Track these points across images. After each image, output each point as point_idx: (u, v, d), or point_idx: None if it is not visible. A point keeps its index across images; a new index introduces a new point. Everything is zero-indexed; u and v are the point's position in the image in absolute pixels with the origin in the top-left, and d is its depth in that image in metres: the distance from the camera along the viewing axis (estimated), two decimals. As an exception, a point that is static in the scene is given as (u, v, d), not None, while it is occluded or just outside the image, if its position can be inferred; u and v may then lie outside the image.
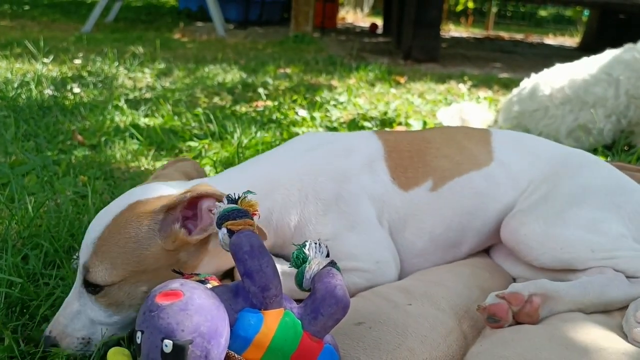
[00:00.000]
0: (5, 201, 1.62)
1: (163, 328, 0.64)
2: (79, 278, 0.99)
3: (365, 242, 1.15)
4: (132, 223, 0.97)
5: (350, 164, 1.22)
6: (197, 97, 3.27)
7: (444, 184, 1.25)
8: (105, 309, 0.98)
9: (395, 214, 1.21)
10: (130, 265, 0.96)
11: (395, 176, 1.23)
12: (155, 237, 0.97)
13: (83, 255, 0.98)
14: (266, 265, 0.75)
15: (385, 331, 0.90)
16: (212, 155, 2.11)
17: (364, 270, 1.13)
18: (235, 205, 0.82)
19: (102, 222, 0.99)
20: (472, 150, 1.30)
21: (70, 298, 1.00)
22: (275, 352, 0.73)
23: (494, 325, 0.97)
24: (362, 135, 1.33)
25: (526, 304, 0.99)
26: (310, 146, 1.25)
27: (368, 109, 3.12)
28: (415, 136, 1.33)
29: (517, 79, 4.44)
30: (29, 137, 2.34)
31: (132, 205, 1.00)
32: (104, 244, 0.96)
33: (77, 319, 0.98)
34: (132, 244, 0.96)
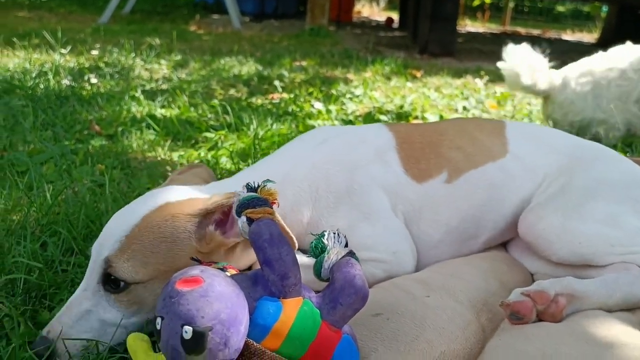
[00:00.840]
0: (24, 189, 1.63)
1: (183, 314, 0.64)
2: (94, 276, 0.96)
3: (381, 232, 1.15)
4: (166, 223, 0.97)
5: (360, 155, 1.22)
6: (213, 88, 3.27)
7: (459, 176, 1.24)
8: (125, 309, 0.95)
9: (409, 205, 1.20)
10: (163, 265, 0.95)
11: (407, 168, 1.22)
12: (190, 238, 0.97)
13: (104, 251, 0.95)
14: (286, 253, 0.75)
15: (403, 323, 0.89)
16: (229, 146, 2.11)
17: (380, 260, 1.12)
18: (255, 193, 0.81)
19: (129, 220, 0.98)
20: (486, 143, 1.29)
21: (77, 297, 0.97)
22: (293, 341, 0.73)
23: (516, 323, 0.95)
24: (372, 127, 1.33)
25: (552, 303, 0.96)
26: (320, 140, 1.25)
27: (384, 103, 3.11)
28: (427, 128, 1.33)
29: (534, 74, 4.41)
30: (47, 126, 2.35)
31: (163, 206, 1.00)
32: (135, 242, 0.94)
33: (85, 320, 0.95)
34: (167, 244, 0.95)
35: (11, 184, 1.67)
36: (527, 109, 3.20)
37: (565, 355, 0.83)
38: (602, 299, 1.00)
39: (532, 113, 3.08)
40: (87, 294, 0.96)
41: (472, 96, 3.47)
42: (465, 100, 3.36)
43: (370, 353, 0.83)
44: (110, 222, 1.01)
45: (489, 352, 0.89)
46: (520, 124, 1.41)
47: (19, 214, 1.49)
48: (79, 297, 0.96)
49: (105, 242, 0.97)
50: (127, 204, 1.06)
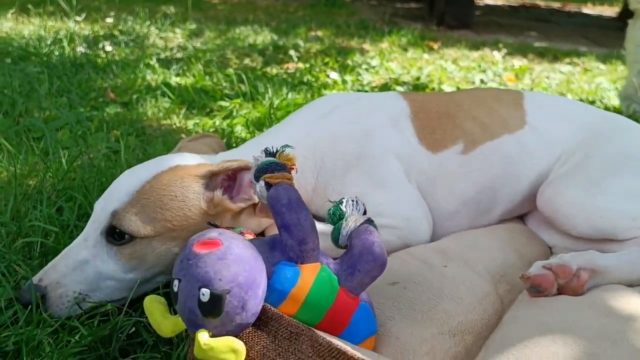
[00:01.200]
0: (40, 154, 1.63)
1: (201, 277, 0.63)
2: (97, 227, 0.96)
3: (393, 199, 1.13)
4: (176, 182, 0.98)
5: (372, 122, 1.20)
6: (228, 58, 3.24)
7: (475, 147, 1.21)
8: (125, 263, 0.95)
9: (423, 175, 1.18)
10: (170, 222, 0.95)
11: (422, 137, 1.20)
12: (198, 199, 0.98)
13: (112, 204, 0.96)
14: (304, 218, 0.74)
15: (421, 292, 0.88)
16: (244, 115, 2.09)
17: (394, 227, 1.11)
18: (273, 158, 0.80)
19: (140, 177, 0.99)
20: (504, 114, 1.26)
21: (74, 247, 0.96)
22: (311, 307, 0.72)
23: (536, 295, 0.94)
24: (386, 95, 1.30)
25: (573, 277, 0.94)
26: (330, 107, 1.23)
27: (400, 74, 3.07)
28: (443, 98, 1.30)
29: (553, 48, 4.33)
30: (62, 93, 2.35)
31: (174, 167, 1.01)
32: (144, 197, 0.95)
33: (81, 270, 0.94)
34: (177, 202, 0.96)
35: (27, 149, 1.67)
36: (546, 82, 3.15)
37: (585, 327, 0.82)
38: (625, 274, 0.98)
39: (551, 87, 3.03)
40: (87, 244, 0.96)
41: (489, 69, 3.42)
42: (483, 73, 3.31)
43: (387, 321, 0.83)
44: (119, 178, 1.02)
45: (507, 323, 0.88)
46: (539, 95, 1.38)
47: (35, 179, 1.49)
48: (78, 247, 0.96)
49: (113, 194, 0.97)
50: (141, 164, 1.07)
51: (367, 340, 0.77)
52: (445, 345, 0.81)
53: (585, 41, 4.97)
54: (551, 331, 0.82)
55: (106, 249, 0.96)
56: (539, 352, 0.77)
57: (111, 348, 0.86)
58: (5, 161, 1.58)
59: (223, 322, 0.64)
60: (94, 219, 0.98)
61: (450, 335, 0.82)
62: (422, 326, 0.82)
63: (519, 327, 0.84)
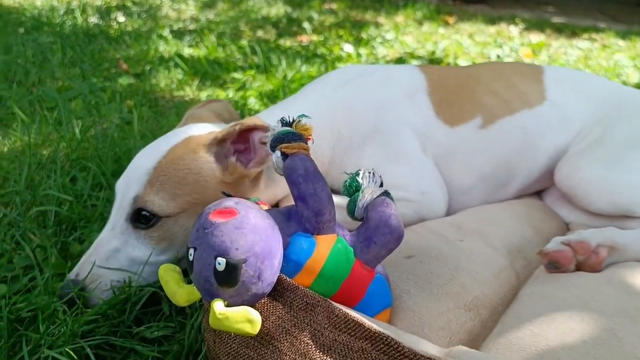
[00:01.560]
0: (53, 124, 1.63)
1: (217, 246, 0.63)
2: (122, 214, 0.95)
3: (409, 172, 1.12)
4: (189, 155, 0.96)
5: (388, 94, 1.18)
6: (241, 30, 3.21)
7: (494, 122, 1.20)
8: (155, 245, 0.94)
9: (440, 149, 1.17)
10: (191, 196, 0.94)
11: (439, 111, 1.18)
12: (213, 169, 0.96)
13: (132, 187, 0.94)
14: (320, 189, 0.72)
15: (437, 265, 0.87)
16: (257, 87, 2.08)
17: (409, 200, 1.10)
18: (290, 128, 0.79)
19: (155, 154, 0.97)
20: (523, 88, 1.24)
21: (104, 237, 0.95)
22: (326, 278, 0.72)
23: (553, 271, 0.92)
24: (403, 68, 1.28)
25: (592, 254, 0.92)
26: (347, 79, 1.21)
27: (415, 48, 3.03)
28: (462, 72, 1.28)
29: (571, 24, 4.26)
30: (75, 63, 2.34)
31: (186, 139, 1.00)
32: (162, 174, 0.94)
33: (114, 259, 0.94)
34: (193, 175, 0.95)
35: (41, 119, 1.67)
36: (563, 58, 3.10)
37: (602, 304, 0.81)
38: None
39: (569, 63, 2.98)
40: (115, 232, 0.95)
41: (505, 44, 3.37)
42: (499, 48, 3.26)
43: (402, 294, 0.82)
44: (135, 159, 1.00)
45: (523, 298, 0.87)
46: (559, 70, 1.35)
47: (48, 148, 1.49)
48: (107, 236, 0.95)
49: (132, 178, 0.96)
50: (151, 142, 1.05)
51: (383, 312, 0.76)
52: (461, 320, 0.80)
53: (603, 17, 4.87)
54: (568, 307, 0.81)
55: (134, 235, 0.95)
56: (555, 327, 0.76)
57: (125, 317, 0.86)
58: (19, 130, 1.58)
59: (239, 291, 0.63)
60: (117, 204, 0.97)
61: (466, 310, 0.82)
62: (438, 300, 0.81)
63: (535, 303, 0.84)
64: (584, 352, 0.71)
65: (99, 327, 0.84)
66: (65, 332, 0.79)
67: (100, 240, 0.95)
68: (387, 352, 0.62)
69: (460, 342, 0.78)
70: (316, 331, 0.65)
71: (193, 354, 0.80)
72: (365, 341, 0.63)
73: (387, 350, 0.62)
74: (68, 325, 0.79)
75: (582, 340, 0.74)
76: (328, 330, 0.65)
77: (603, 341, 0.73)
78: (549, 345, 0.73)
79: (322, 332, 0.65)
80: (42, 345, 0.77)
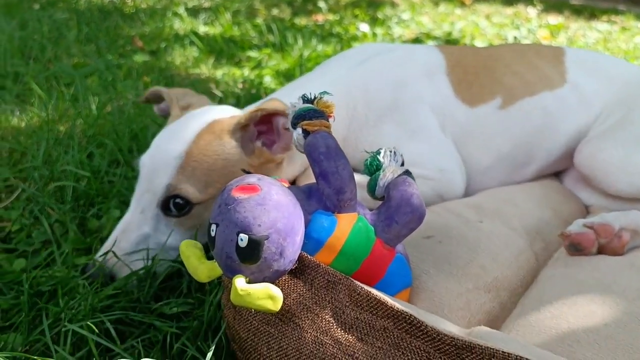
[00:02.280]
0: (70, 100, 1.63)
1: (239, 222, 0.62)
2: (153, 199, 0.93)
3: (427, 150, 1.11)
4: (216, 141, 0.95)
5: (406, 72, 1.16)
6: (256, 8, 3.19)
7: (514, 103, 1.18)
8: (185, 232, 0.94)
9: (458, 127, 1.16)
10: (221, 182, 0.94)
11: (458, 91, 1.17)
12: (239, 154, 0.96)
13: (162, 174, 0.93)
14: (342, 167, 0.72)
15: (456, 246, 0.87)
16: (273, 66, 2.06)
17: (427, 177, 1.09)
18: (311, 105, 0.78)
19: (183, 139, 0.95)
20: (544, 70, 1.23)
21: (134, 221, 0.93)
22: (347, 256, 0.71)
23: (574, 254, 0.91)
24: (422, 47, 1.27)
25: (614, 237, 0.91)
26: (364, 57, 1.20)
27: (432, 29, 3.00)
28: (482, 52, 1.26)
29: (590, 5, 4.19)
30: (91, 40, 2.33)
31: (210, 124, 0.97)
32: (193, 161, 0.93)
33: (145, 244, 0.93)
34: (221, 162, 0.94)
35: (58, 95, 1.67)
36: (582, 40, 3.06)
37: (624, 287, 0.80)
38: None
39: (588, 45, 2.94)
40: (146, 217, 0.94)
41: (523, 26, 3.32)
42: (516, 29, 3.22)
43: (422, 274, 0.81)
44: (159, 141, 0.97)
45: (544, 280, 0.86)
46: (580, 52, 1.33)
47: (65, 124, 1.49)
48: (138, 220, 0.93)
49: (160, 163, 0.94)
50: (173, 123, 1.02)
51: (402, 292, 0.76)
52: (480, 301, 0.80)
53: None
54: (589, 290, 0.80)
55: (165, 222, 0.94)
56: (576, 310, 0.75)
57: (144, 292, 0.87)
58: (36, 106, 1.58)
59: (260, 268, 0.63)
60: (144, 188, 0.94)
61: (486, 291, 0.81)
62: (457, 281, 0.81)
63: (555, 285, 0.83)
64: (605, 335, 0.71)
65: (117, 302, 0.84)
66: (85, 306, 0.79)
67: (128, 223, 0.93)
68: (409, 331, 0.61)
69: (480, 323, 0.78)
70: (337, 309, 0.65)
71: (212, 330, 0.80)
72: (388, 320, 0.63)
73: (409, 329, 0.61)
74: (88, 299, 0.80)
75: (604, 323, 0.73)
76: (349, 308, 0.65)
77: (625, 324, 0.72)
78: (570, 328, 0.72)
79: (344, 310, 0.65)
80: (63, 319, 0.77)
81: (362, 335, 0.64)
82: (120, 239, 0.92)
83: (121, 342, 0.78)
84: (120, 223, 0.94)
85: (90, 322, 0.75)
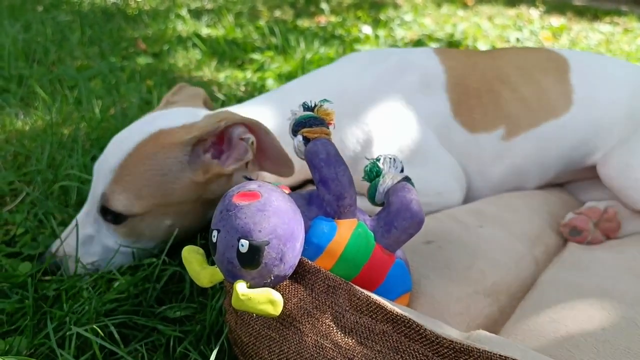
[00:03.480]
0: (74, 103, 1.64)
1: (240, 228, 0.63)
2: (94, 204, 0.95)
3: (422, 175, 1.05)
4: (158, 154, 0.91)
5: (403, 85, 1.10)
6: (259, 10, 3.20)
7: (518, 134, 1.13)
8: (124, 238, 0.95)
9: (455, 149, 1.11)
10: (157, 198, 0.92)
11: (458, 113, 1.11)
12: (184, 170, 0.92)
13: (100, 183, 0.93)
14: (342, 174, 0.73)
15: (456, 251, 0.88)
16: (275, 68, 2.07)
17: (425, 204, 1.04)
18: (312, 112, 0.79)
19: (122, 150, 0.93)
20: (551, 93, 1.15)
21: (81, 220, 0.95)
22: (347, 262, 0.72)
23: (577, 239, 1.02)
24: (420, 53, 1.18)
25: (603, 214, 1.03)
26: (358, 67, 1.14)
27: (434, 30, 3.00)
28: (487, 70, 1.16)
29: (592, 7, 4.19)
30: (94, 42, 2.34)
31: (155, 134, 0.93)
32: (128, 174, 0.91)
33: (90, 243, 0.95)
34: (159, 177, 0.91)
35: (62, 98, 1.68)
36: (585, 42, 3.06)
37: (623, 292, 0.81)
38: None
39: (590, 47, 2.94)
40: (89, 220, 0.96)
41: (525, 27, 3.33)
42: (519, 31, 3.23)
43: (422, 279, 0.82)
44: (108, 146, 0.97)
45: (543, 285, 0.87)
46: (585, 61, 1.23)
47: (69, 127, 1.50)
48: (83, 221, 0.96)
49: (101, 170, 0.94)
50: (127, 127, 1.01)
51: (402, 297, 0.77)
52: (480, 305, 0.80)
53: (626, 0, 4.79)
54: (588, 295, 0.81)
55: (105, 226, 0.95)
56: (575, 315, 0.76)
57: (148, 296, 0.87)
58: (40, 109, 1.59)
59: (261, 273, 0.64)
60: (92, 190, 0.96)
61: (485, 295, 0.82)
62: (457, 285, 0.81)
63: (554, 290, 0.84)
64: (603, 340, 0.72)
65: (121, 306, 0.85)
66: (89, 310, 0.80)
67: (78, 221, 0.95)
68: (408, 335, 0.62)
69: (479, 327, 0.79)
70: (337, 313, 0.66)
71: (214, 334, 0.81)
72: (387, 324, 0.64)
73: (408, 332, 0.62)
74: (92, 303, 0.81)
75: (602, 327, 0.74)
76: (349, 313, 0.66)
77: (623, 329, 0.73)
78: (569, 332, 0.73)
79: (344, 315, 0.66)
80: (68, 323, 0.78)
81: (362, 339, 0.65)
82: (69, 236, 0.94)
83: (125, 345, 0.79)
84: (73, 220, 0.97)
85: (94, 326, 0.76)
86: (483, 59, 1.20)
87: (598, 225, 1.03)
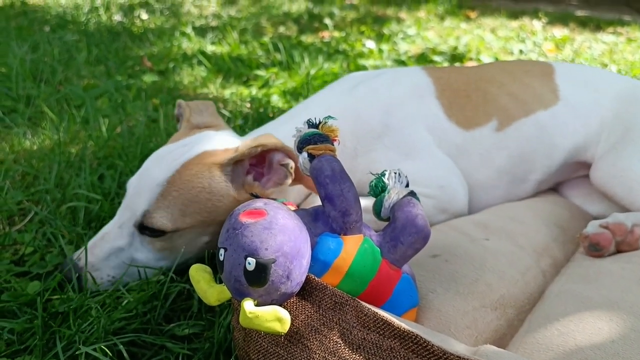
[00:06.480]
0: (81, 122, 1.65)
1: (247, 246, 0.64)
2: (132, 217, 0.96)
3: (424, 167, 1.11)
4: (204, 173, 0.95)
5: (395, 94, 1.17)
6: (263, 26, 3.23)
7: (510, 124, 1.19)
8: (157, 252, 0.97)
9: (454, 149, 1.16)
10: (201, 215, 0.95)
11: (451, 114, 1.17)
12: (228, 188, 0.96)
13: (142, 197, 0.95)
14: (347, 190, 0.73)
15: (462, 265, 0.88)
16: (280, 84, 2.09)
17: (427, 195, 1.09)
18: (316, 129, 0.80)
19: (168, 167, 0.96)
20: (537, 89, 1.23)
21: (112, 232, 0.97)
22: (353, 278, 0.72)
23: (595, 254, 0.98)
24: (407, 70, 1.27)
25: (628, 234, 0.97)
26: (352, 84, 1.20)
27: (438, 43, 3.02)
28: (471, 74, 1.25)
29: (595, 17, 4.20)
30: (100, 61, 2.37)
31: (200, 155, 0.98)
32: (174, 190, 0.94)
33: (116, 256, 0.97)
34: (206, 194, 0.95)
35: (69, 117, 1.70)
36: (588, 52, 3.07)
37: (632, 304, 0.80)
38: None
39: (594, 57, 2.95)
40: (122, 232, 0.97)
41: (528, 39, 3.34)
42: (522, 43, 3.24)
43: (429, 293, 0.82)
44: (149, 164, 1.00)
45: (550, 297, 0.87)
46: (568, 67, 1.33)
47: (77, 146, 1.52)
48: (115, 234, 0.97)
49: (144, 187, 0.96)
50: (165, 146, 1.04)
51: (409, 312, 0.77)
52: (487, 319, 0.80)
53: (629, 10, 4.80)
54: (597, 307, 0.81)
55: (139, 239, 0.97)
56: (584, 327, 0.76)
57: (156, 313, 0.88)
58: (48, 129, 1.61)
59: (268, 291, 0.64)
60: (126, 204, 0.98)
61: (492, 309, 0.82)
62: (464, 299, 0.81)
63: (562, 302, 0.84)
64: (612, 353, 0.71)
65: (130, 324, 0.85)
66: (98, 328, 0.80)
67: (106, 233, 0.97)
68: (416, 351, 0.62)
69: (487, 341, 0.78)
70: (345, 330, 0.66)
71: (223, 351, 0.81)
72: (394, 340, 0.64)
73: (416, 348, 0.62)
74: (100, 322, 0.81)
75: (611, 340, 0.74)
76: (357, 329, 0.66)
77: (632, 341, 0.73)
78: (577, 345, 0.73)
79: (351, 331, 0.66)
80: (77, 342, 0.79)
81: (370, 356, 0.65)
82: (95, 246, 0.96)
83: (133, 364, 0.79)
84: (100, 231, 0.99)
85: (103, 345, 0.76)
86: (468, 69, 1.29)
87: (620, 244, 0.98)
